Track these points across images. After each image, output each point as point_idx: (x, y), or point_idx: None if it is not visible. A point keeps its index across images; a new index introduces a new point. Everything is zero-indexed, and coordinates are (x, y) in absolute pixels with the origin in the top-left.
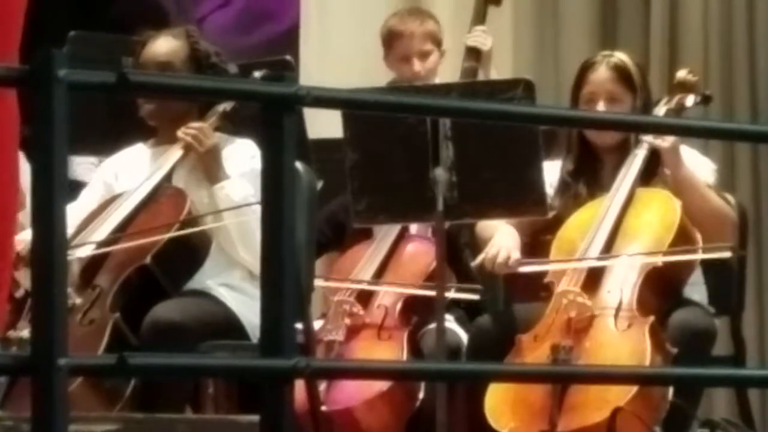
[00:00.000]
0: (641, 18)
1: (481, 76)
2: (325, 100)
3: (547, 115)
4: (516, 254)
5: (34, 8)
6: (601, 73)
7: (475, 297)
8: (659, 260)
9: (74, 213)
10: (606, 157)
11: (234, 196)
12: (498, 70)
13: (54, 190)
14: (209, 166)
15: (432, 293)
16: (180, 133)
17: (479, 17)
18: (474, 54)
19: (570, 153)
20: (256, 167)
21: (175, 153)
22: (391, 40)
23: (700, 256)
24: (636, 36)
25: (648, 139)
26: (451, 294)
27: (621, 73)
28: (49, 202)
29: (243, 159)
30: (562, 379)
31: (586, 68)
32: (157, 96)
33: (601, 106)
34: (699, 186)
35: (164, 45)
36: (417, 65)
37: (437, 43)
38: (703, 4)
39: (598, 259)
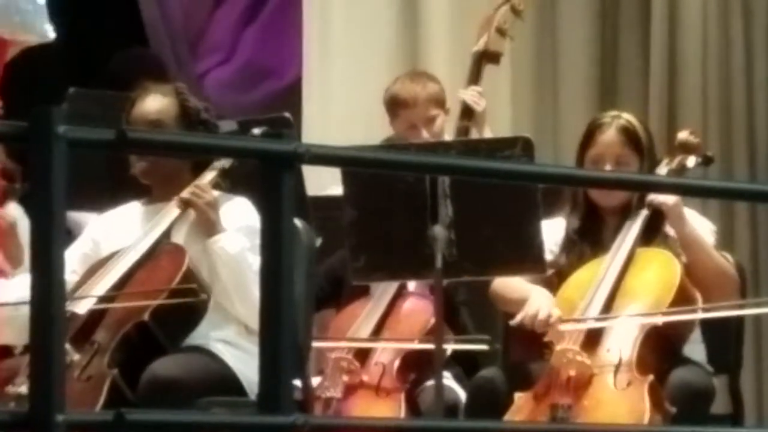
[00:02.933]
0: (641, 78)
1: (474, 136)
2: (324, 157)
3: (546, 173)
4: (556, 312)
5: (31, 65)
6: (610, 136)
7: (474, 346)
8: (659, 320)
9: None
10: (609, 218)
11: (229, 250)
12: (496, 129)
13: (53, 246)
14: (208, 222)
15: (430, 346)
16: (178, 197)
17: (475, 76)
18: (467, 114)
19: (574, 212)
20: (252, 223)
21: (173, 211)
22: (395, 108)
23: (698, 316)
24: (635, 96)
25: (652, 197)
26: (451, 345)
27: (629, 136)
28: (48, 258)
29: (240, 216)
30: None
31: (594, 129)
32: (157, 153)
33: (608, 169)
34: (704, 244)
35: (154, 104)
36: (424, 133)
37: (441, 105)
38: (702, 66)
39: (599, 319)
